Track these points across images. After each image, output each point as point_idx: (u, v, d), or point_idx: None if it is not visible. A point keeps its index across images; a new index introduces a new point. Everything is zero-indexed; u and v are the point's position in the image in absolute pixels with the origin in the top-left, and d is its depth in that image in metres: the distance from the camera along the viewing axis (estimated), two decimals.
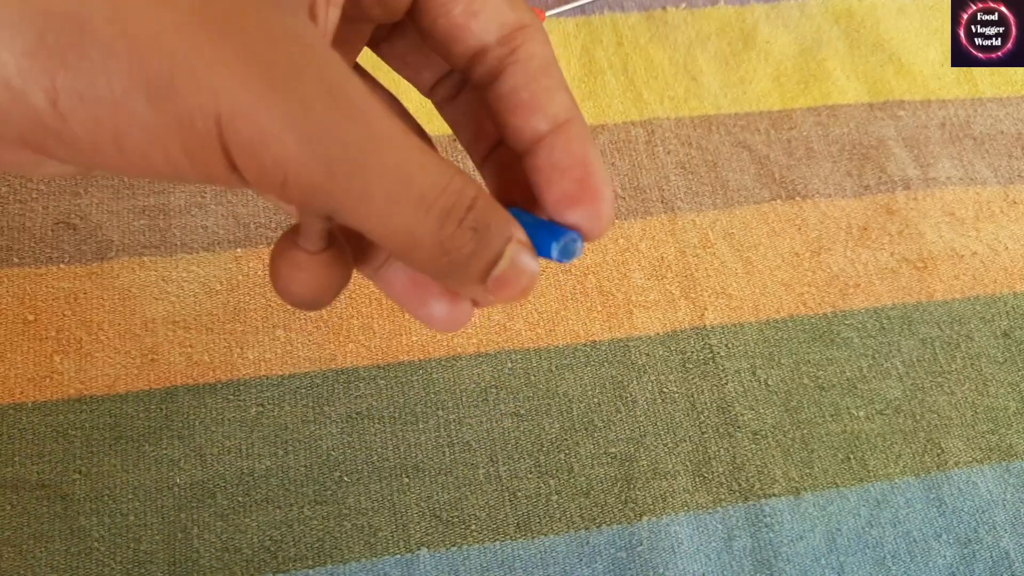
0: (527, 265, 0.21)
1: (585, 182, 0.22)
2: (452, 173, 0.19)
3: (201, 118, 0.18)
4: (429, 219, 0.19)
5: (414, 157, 0.19)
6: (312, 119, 0.18)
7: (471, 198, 0.19)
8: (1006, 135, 0.47)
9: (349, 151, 0.18)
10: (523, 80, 0.22)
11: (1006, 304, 0.42)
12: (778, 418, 0.38)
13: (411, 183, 0.19)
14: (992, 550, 0.36)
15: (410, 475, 0.34)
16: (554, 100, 0.22)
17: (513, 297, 0.21)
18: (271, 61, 0.18)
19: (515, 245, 0.21)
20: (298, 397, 0.35)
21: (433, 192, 0.19)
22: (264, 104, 0.17)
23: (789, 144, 0.44)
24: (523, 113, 0.22)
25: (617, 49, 0.46)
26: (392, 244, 0.20)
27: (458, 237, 0.19)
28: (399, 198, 0.19)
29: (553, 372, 0.37)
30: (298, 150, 0.18)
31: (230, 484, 0.33)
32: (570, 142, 0.22)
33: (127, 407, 0.34)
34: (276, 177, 0.18)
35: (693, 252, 0.41)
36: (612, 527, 0.34)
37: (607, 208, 0.22)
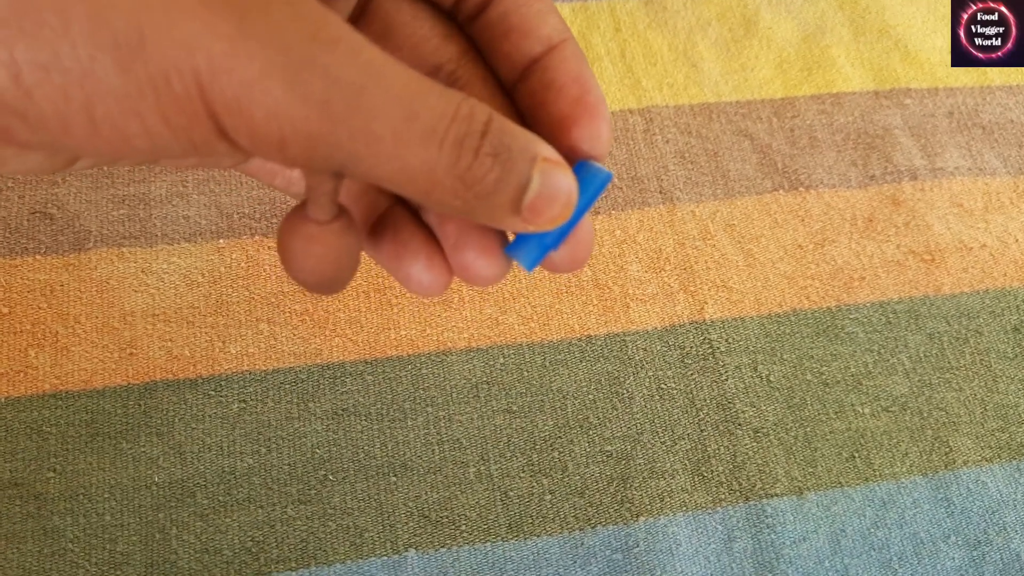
0: (561, 183, 0.19)
1: (582, 100, 0.21)
2: (458, 99, 0.18)
3: (178, 77, 0.16)
4: (444, 153, 0.17)
5: (413, 86, 0.17)
6: (294, 58, 0.16)
7: (483, 122, 0.18)
8: (1016, 124, 0.45)
9: (343, 88, 0.16)
10: (513, 5, 0.22)
11: (1016, 298, 0.40)
12: (780, 415, 0.36)
13: (417, 116, 0.17)
14: (1003, 552, 0.35)
15: (398, 474, 0.33)
16: (546, 22, 0.22)
17: (553, 222, 0.19)
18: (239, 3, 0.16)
19: (543, 164, 0.19)
20: (282, 393, 0.34)
21: (443, 122, 0.17)
22: (244, 51, 0.16)
23: (792, 133, 0.43)
24: (515, 38, 0.22)
25: (615, 35, 0.45)
26: (410, 188, 0.18)
27: (478, 167, 0.18)
28: (407, 135, 0.17)
29: (547, 368, 0.36)
30: (287, 95, 0.16)
31: (210, 483, 0.32)
32: (565, 61, 0.21)
33: (104, 403, 0.33)
34: (272, 134, 0.16)
35: (692, 244, 0.39)
36: (607, 528, 0.33)
37: (606, 125, 0.21)
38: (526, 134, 0.19)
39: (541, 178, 0.19)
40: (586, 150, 0.21)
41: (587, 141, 0.21)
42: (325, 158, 0.17)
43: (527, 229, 0.19)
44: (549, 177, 0.19)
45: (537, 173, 0.19)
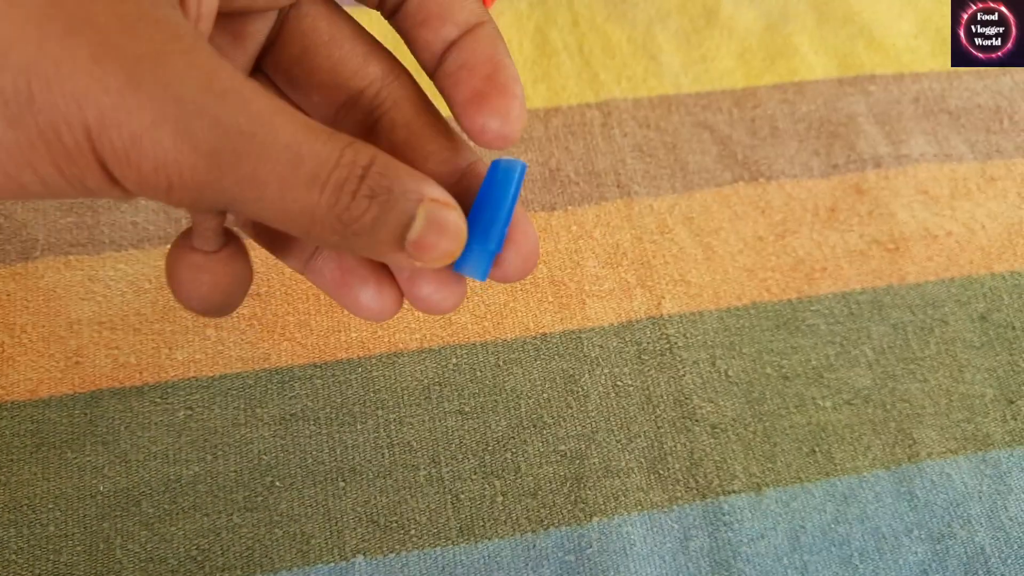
0: (448, 220, 0.19)
1: (493, 78, 0.21)
2: (343, 144, 0.18)
3: (68, 131, 0.16)
4: (324, 197, 0.18)
5: (300, 133, 0.18)
6: (187, 109, 0.16)
7: (363, 166, 0.18)
8: (983, 109, 0.44)
9: (232, 138, 0.17)
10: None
11: (983, 286, 0.40)
12: (739, 411, 0.36)
13: (301, 162, 0.17)
14: (967, 545, 0.34)
15: (346, 479, 0.33)
16: (463, 7, 0.22)
17: (445, 257, 0.20)
18: (132, 55, 0.16)
19: (429, 204, 0.19)
20: (229, 399, 0.33)
21: (325, 168, 0.18)
22: (132, 104, 0.16)
23: (753, 123, 0.42)
24: (433, 24, 0.22)
25: (572, 29, 0.44)
26: (291, 227, 0.18)
27: (355, 208, 0.18)
28: (291, 180, 0.17)
29: (500, 367, 0.35)
30: (177, 146, 0.16)
31: (156, 491, 0.32)
32: (478, 42, 0.22)
33: (49, 413, 0.33)
34: (160, 183, 0.17)
35: (650, 238, 0.39)
36: (560, 529, 0.33)
37: (517, 104, 0.21)
38: (414, 175, 0.19)
39: (426, 216, 0.19)
40: (495, 128, 0.21)
41: (496, 119, 0.21)
42: (211, 201, 0.18)
43: (415, 265, 0.20)
44: (435, 215, 0.19)
45: (422, 211, 0.19)
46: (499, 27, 0.42)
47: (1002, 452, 0.36)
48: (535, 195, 0.39)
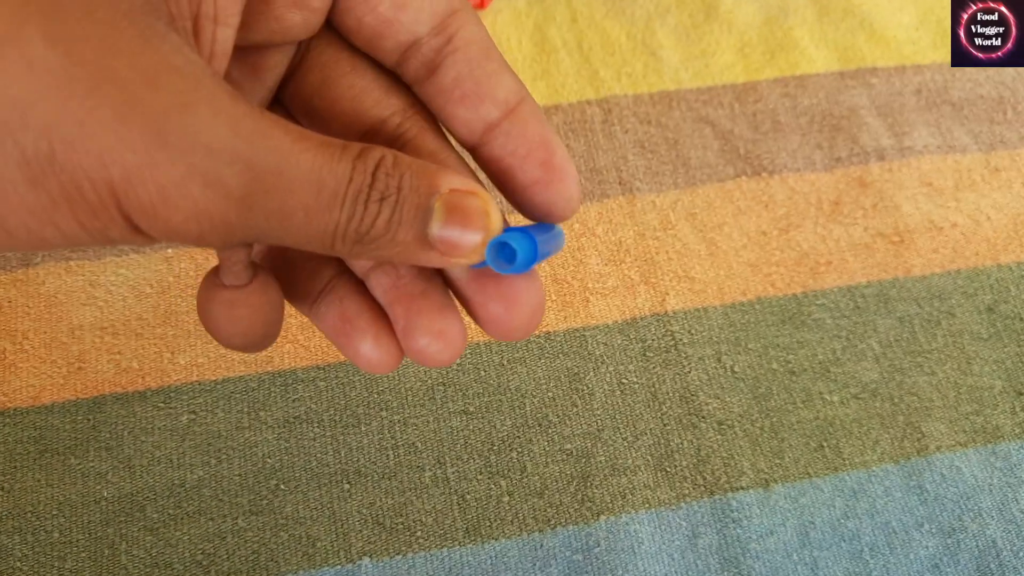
0: (469, 208, 0.19)
1: (549, 163, 0.21)
2: (354, 155, 0.18)
3: (92, 189, 0.16)
4: (344, 213, 0.18)
5: (320, 158, 0.17)
6: (219, 158, 0.16)
7: (371, 172, 0.18)
8: (986, 99, 0.44)
9: (263, 178, 0.17)
10: (466, 68, 0.21)
11: (990, 277, 0.39)
12: (745, 406, 0.35)
13: (323, 187, 0.17)
14: (978, 539, 0.34)
15: (351, 481, 0.32)
16: (501, 84, 0.21)
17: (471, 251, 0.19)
18: (157, 109, 0.16)
19: (448, 195, 0.19)
20: (232, 402, 0.33)
21: (343, 184, 0.18)
22: (160, 160, 0.16)
23: (754, 118, 0.42)
24: (471, 103, 0.21)
25: (571, 26, 0.44)
26: (315, 248, 0.18)
27: (366, 216, 0.18)
28: (315, 206, 0.17)
29: (504, 366, 0.35)
30: (207, 195, 0.16)
31: (160, 496, 0.32)
32: (526, 126, 0.21)
33: (52, 419, 0.33)
34: (190, 231, 0.17)
35: (653, 235, 0.39)
36: (568, 528, 0.32)
37: (574, 187, 0.21)
38: (426, 168, 0.19)
39: (445, 207, 0.19)
40: (559, 211, 0.21)
41: (558, 204, 0.21)
42: (240, 239, 0.18)
43: (449, 263, 0.19)
44: (455, 203, 0.19)
45: (439, 203, 0.19)
46: (498, 25, 0.42)
47: (1012, 444, 0.36)
48: None
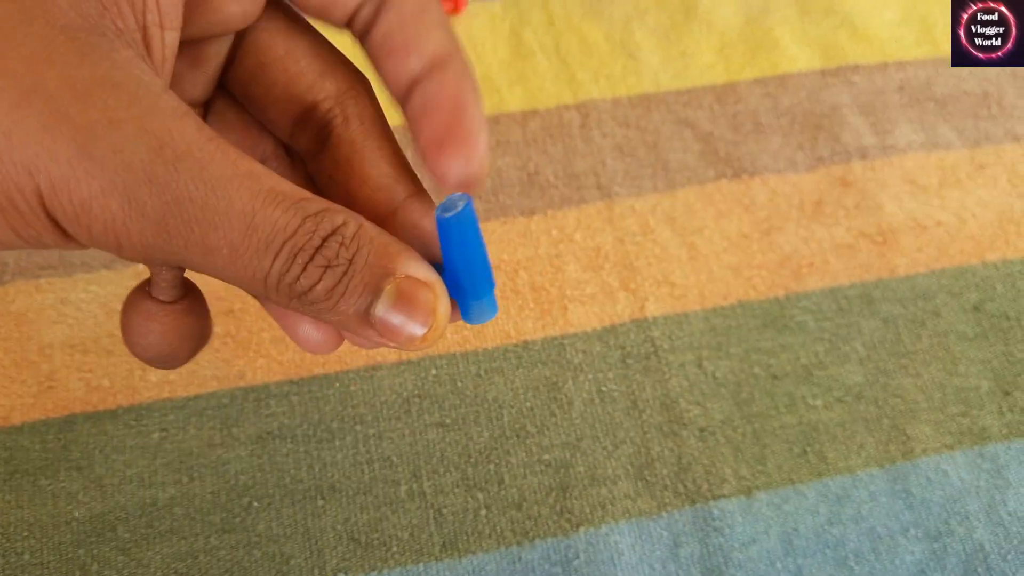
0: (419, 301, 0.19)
1: (456, 124, 0.21)
2: (309, 213, 0.18)
3: (21, 197, 0.17)
4: (277, 263, 0.18)
5: (259, 201, 0.17)
6: (136, 177, 0.16)
7: (323, 236, 0.18)
8: (971, 95, 0.44)
9: (181, 205, 0.17)
10: (397, 23, 0.21)
11: (975, 275, 0.39)
12: (727, 412, 0.35)
13: (255, 231, 0.17)
14: (965, 543, 0.33)
15: (325, 497, 0.32)
16: (430, 38, 0.21)
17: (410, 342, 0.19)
18: (83, 123, 0.16)
19: (402, 281, 0.19)
20: (204, 419, 0.33)
21: (280, 237, 0.17)
22: (82, 172, 0.16)
23: (735, 119, 0.42)
24: (398, 56, 0.21)
25: (548, 29, 0.43)
26: (247, 289, 0.19)
27: (304, 278, 0.18)
28: (242, 248, 0.17)
29: (482, 377, 0.35)
30: (125, 211, 0.17)
31: (132, 516, 0.31)
32: (444, 82, 0.21)
33: (22, 439, 0.32)
34: (109, 241, 0.17)
35: (632, 240, 0.38)
36: (546, 541, 0.32)
37: (479, 152, 0.21)
38: (387, 248, 0.19)
39: (395, 292, 0.19)
40: (457, 174, 0.21)
41: (458, 165, 0.21)
42: (161, 259, 0.18)
43: (385, 345, 0.19)
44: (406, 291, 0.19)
45: (390, 287, 0.18)
46: (473, 30, 0.41)
47: (999, 445, 0.35)
48: (513, 200, 0.39)
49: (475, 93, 0.21)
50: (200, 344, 0.22)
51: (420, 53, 0.21)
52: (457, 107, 0.21)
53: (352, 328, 0.19)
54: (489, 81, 0.41)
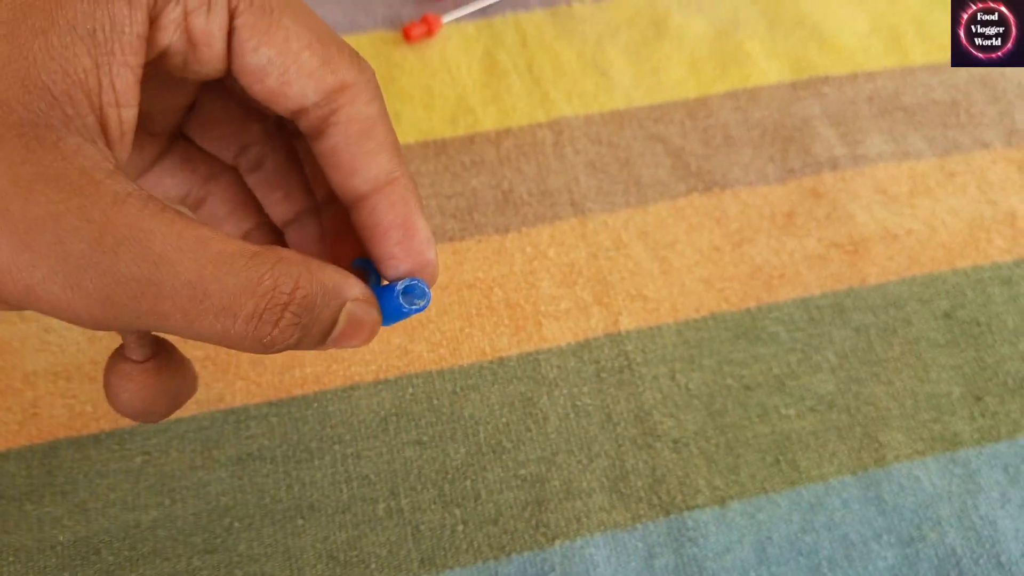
0: (365, 317, 0.21)
1: (407, 244, 0.23)
2: (260, 274, 0.19)
3: None
4: (238, 324, 0.19)
5: (209, 268, 0.18)
6: (76, 264, 0.17)
7: (287, 294, 0.19)
8: (939, 104, 0.44)
9: (126, 285, 0.18)
10: (343, 142, 0.22)
11: (946, 283, 0.39)
12: (700, 424, 0.35)
13: (207, 297, 0.18)
14: (937, 548, 0.34)
15: (305, 516, 0.33)
16: (374, 163, 0.22)
17: (355, 346, 0.22)
18: (25, 218, 0.17)
19: (350, 304, 0.21)
20: (185, 442, 0.34)
21: (236, 301, 0.19)
22: (23, 262, 0.17)
23: (706, 133, 0.42)
24: (343, 174, 0.23)
25: (521, 50, 0.44)
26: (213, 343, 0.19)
27: (279, 336, 0.19)
28: (196, 312, 0.18)
29: (458, 394, 0.35)
30: (68, 295, 0.18)
31: (115, 539, 0.32)
32: (392, 205, 0.23)
33: (8, 466, 0.33)
34: (59, 316, 0.18)
35: (606, 255, 0.39)
36: (523, 555, 0.33)
37: (431, 270, 0.23)
38: (335, 279, 0.21)
39: (347, 319, 0.21)
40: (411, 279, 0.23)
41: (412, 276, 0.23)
42: (117, 328, 0.19)
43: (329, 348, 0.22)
44: (356, 312, 0.21)
45: (344, 315, 0.21)
46: (448, 52, 0.42)
47: (971, 451, 0.36)
48: (488, 219, 0.39)
49: (420, 211, 0.23)
50: (177, 399, 0.23)
51: (364, 177, 0.22)
52: (407, 230, 0.23)
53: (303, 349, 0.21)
54: (463, 101, 0.42)
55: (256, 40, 0.21)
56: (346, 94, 0.22)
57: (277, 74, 0.21)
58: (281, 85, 0.21)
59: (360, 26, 0.44)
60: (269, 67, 0.21)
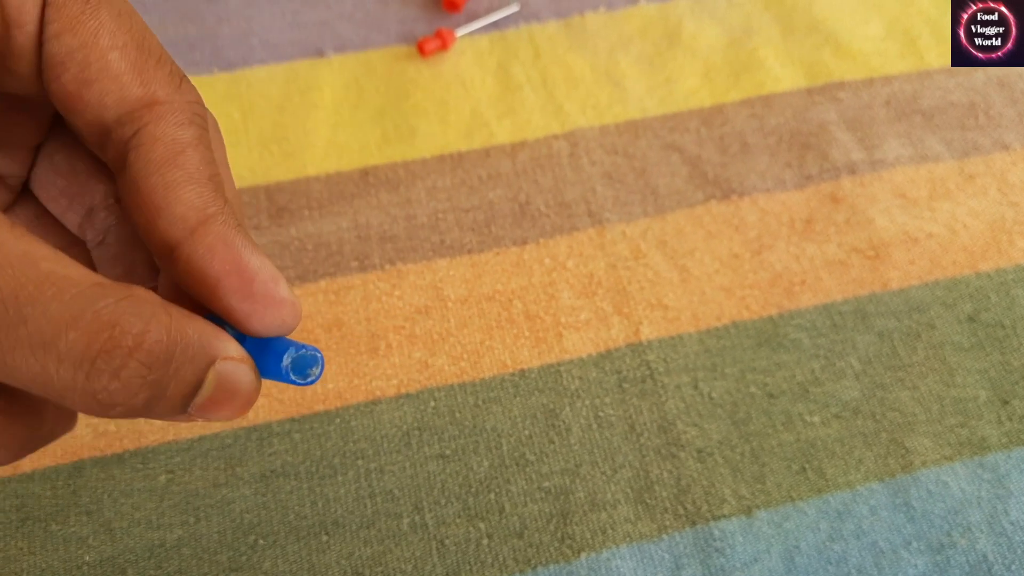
0: (241, 380, 0.17)
1: (248, 291, 0.18)
2: (98, 305, 0.15)
3: None
4: (64, 368, 0.15)
5: (28, 290, 0.15)
6: None
7: (132, 336, 0.15)
8: (957, 106, 0.44)
9: None
10: (142, 172, 0.18)
11: (969, 286, 0.39)
12: (724, 433, 0.35)
13: (22, 323, 0.15)
14: (968, 554, 0.33)
15: (329, 532, 0.33)
16: (179, 198, 0.18)
17: (228, 417, 0.18)
18: None
19: (222, 363, 0.17)
20: (209, 460, 0.34)
21: (62, 334, 0.15)
22: None
23: (722, 141, 0.42)
24: (145, 215, 0.18)
25: (535, 62, 0.44)
26: (32, 389, 0.16)
27: (121, 391, 0.16)
28: (10, 343, 0.15)
29: (480, 407, 0.35)
30: None
31: (141, 558, 0.32)
32: (210, 250, 0.18)
33: (33, 486, 0.33)
34: None
35: (624, 265, 0.39)
36: (548, 568, 0.32)
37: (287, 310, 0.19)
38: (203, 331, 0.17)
39: (216, 379, 0.17)
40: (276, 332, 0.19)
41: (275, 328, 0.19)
42: None
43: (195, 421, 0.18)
44: (228, 375, 0.17)
45: (211, 376, 0.17)
46: (461, 66, 0.42)
47: (999, 455, 0.35)
48: (506, 231, 0.39)
49: (251, 246, 0.18)
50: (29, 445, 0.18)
51: (170, 217, 0.18)
52: (240, 274, 0.18)
53: (159, 419, 0.17)
54: (479, 115, 0.42)
55: (60, 24, 0.18)
56: (153, 111, 0.18)
57: (76, 70, 0.18)
58: (78, 85, 0.18)
59: (374, 42, 0.44)
60: (68, 60, 0.18)
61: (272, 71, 0.44)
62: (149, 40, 0.19)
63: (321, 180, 0.40)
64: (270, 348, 0.19)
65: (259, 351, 0.19)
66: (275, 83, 0.43)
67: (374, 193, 0.40)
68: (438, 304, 0.37)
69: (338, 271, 0.38)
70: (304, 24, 0.45)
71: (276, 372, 0.19)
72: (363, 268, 0.38)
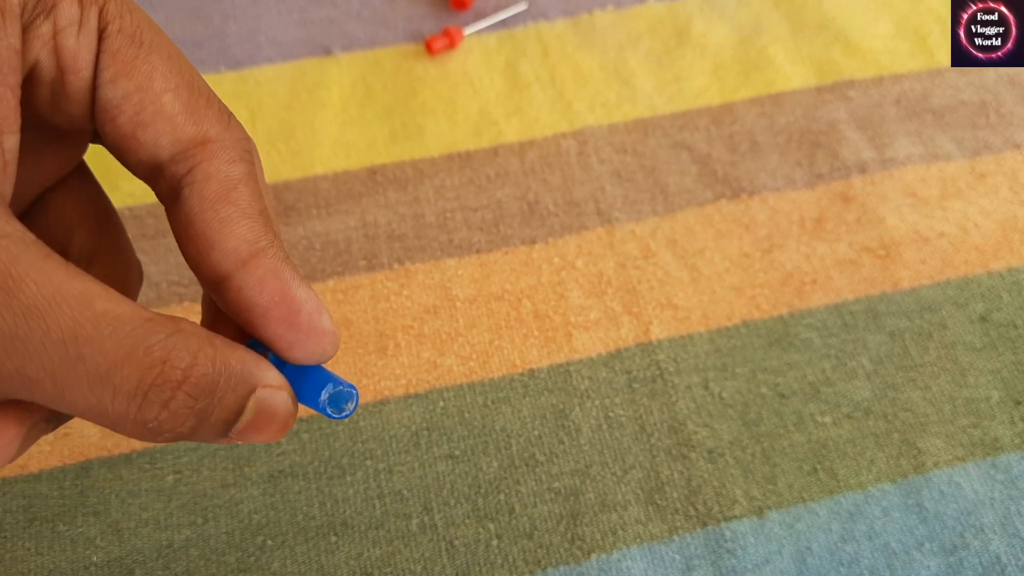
0: (279, 407, 0.19)
1: (293, 321, 0.19)
2: (150, 342, 0.16)
3: None
4: (118, 401, 0.16)
5: (86, 328, 0.16)
6: None
7: (181, 370, 0.16)
8: (968, 104, 0.44)
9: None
10: (197, 207, 0.19)
11: (981, 285, 0.39)
12: (735, 433, 0.35)
13: (80, 361, 0.16)
14: (981, 555, 0.33)
15: (338, 533, 0.32)
16: (232, 232, 0.19)
17: (265, 440, 0.19)
18: None
19: (262, 391, 0.18)
20: (216, 460, 0.33)
21: (118, 370, 0.16)
22: None
23: (732, 139, 0.42)
24: (198, 247, 0.19)
25: (543, 60, 0.44)
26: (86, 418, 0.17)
27: (169, 420, 0.17)
28: (69, 379, 0.16)
29: (489, 407, 0.35)
30: None
31: (148, 559, 0.32)
32: (261, 282, 0.19)
33: (40, 487, 0.33)
34: None
35: (634, 264, 0.38)
36: (558, 569, 0.32)
37: (328, 340, 0.20)
38: (244, 360, 0.18)
39: (256, 405, 0.18)
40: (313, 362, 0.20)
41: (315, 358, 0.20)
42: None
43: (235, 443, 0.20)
44: (267, 402, 0.18)
45: (251, 404, 0.18)
46: (469, 64, 0.42)
47: (1012, 456, 0.35)
48: (514, 230, 0.39)
49: (298, 279, 0.20)
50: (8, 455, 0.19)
51: (223, 250, 0.19)
52: (288, 305, 0.19)
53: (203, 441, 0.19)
54: (487, 114, 0.42)
55: (115, 70, 0.19)
56: (206, 150, 0.19)
57: (131, 113, 0.19)
58: (134, 127, 0.19)
59: (381, 40, 0.44)
60: (124, 103, 0.19)
61: (279, 69, 0.43)
62: (198, 81, 0.20)
63: (329, 179, 0.40)
64: (308, 376, 0.20)
65: (297, 378, 0.20)
66: (282, 81, 0.43)
67: (382, 192, 0.40)
68: (447, 304, 0.37)
69: (346, 270, 0.38)
70: (311, 22, 0.45)
71: (313, 402, 0.20)
72: (371, 267, 0.38)
